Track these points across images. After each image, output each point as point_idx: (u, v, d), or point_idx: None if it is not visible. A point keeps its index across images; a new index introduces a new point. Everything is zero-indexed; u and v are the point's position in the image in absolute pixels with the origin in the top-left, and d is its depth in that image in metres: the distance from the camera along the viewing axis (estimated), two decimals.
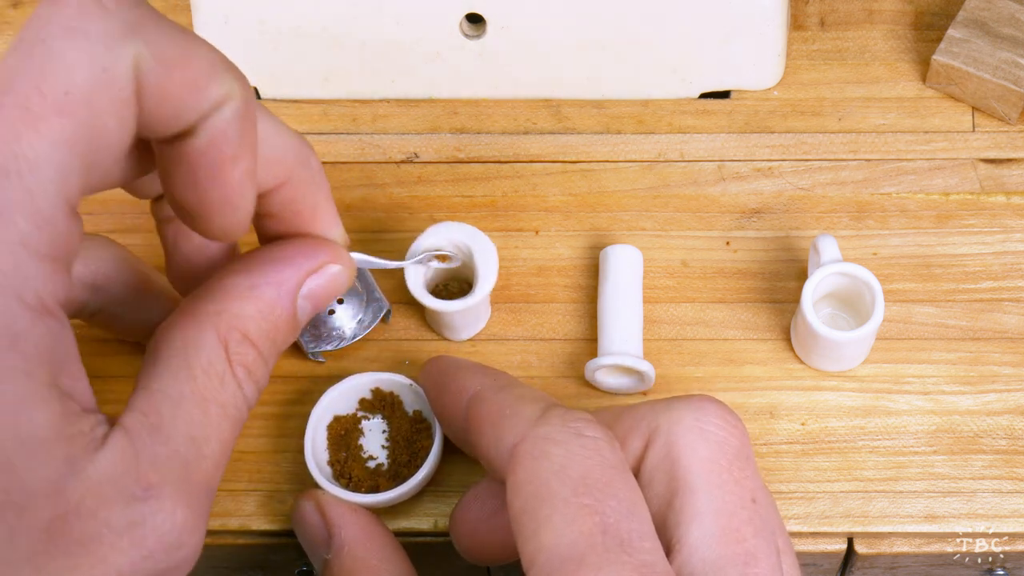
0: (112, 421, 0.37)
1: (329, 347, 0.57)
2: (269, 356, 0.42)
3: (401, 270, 0.57)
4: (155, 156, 0.39)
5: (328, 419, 0.54)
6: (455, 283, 0.58)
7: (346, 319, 0.57)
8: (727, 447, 0.43)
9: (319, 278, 0.44)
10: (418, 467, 0.53)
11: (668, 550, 0.41)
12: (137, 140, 0.37)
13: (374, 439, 0.55)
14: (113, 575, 0.35)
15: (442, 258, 0.55)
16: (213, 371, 0.39)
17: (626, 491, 0.40)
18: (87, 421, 0.36)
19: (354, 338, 0.57)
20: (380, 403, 0.55)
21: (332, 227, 0.46)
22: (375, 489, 0.53)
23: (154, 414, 0.38)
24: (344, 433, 0.54)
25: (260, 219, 0.45)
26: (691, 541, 0.41)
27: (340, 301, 0.57)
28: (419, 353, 0.58)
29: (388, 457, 0.54)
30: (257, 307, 0.42)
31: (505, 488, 0.45)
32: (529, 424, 0.42)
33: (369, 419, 0.55)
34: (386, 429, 0.55)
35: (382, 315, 0.57)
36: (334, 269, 0.44)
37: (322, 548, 0.49)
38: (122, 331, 0.54)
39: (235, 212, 0.39)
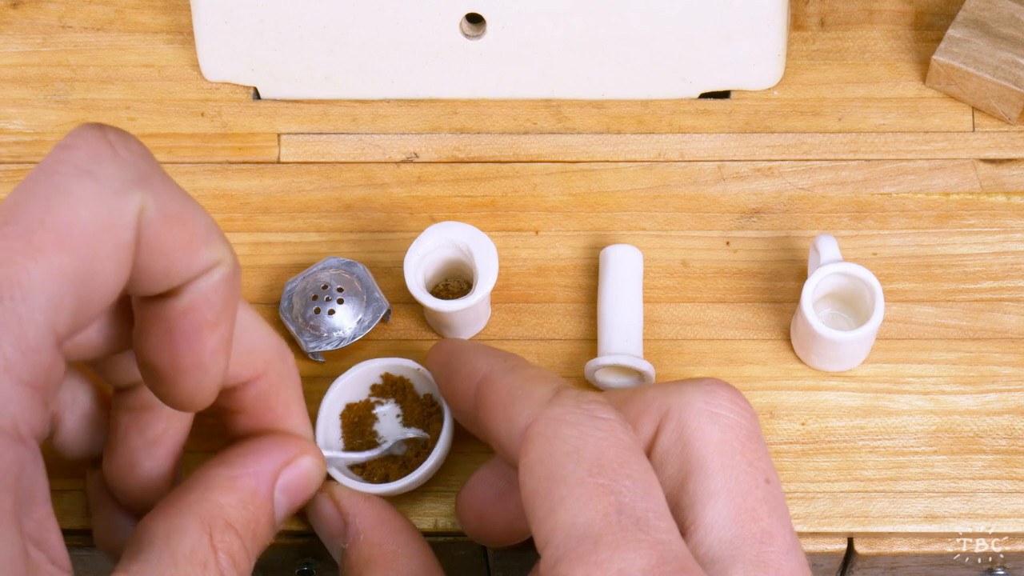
0: None
1: (329, 347, 0.57)
2: (251, 549, 0.42)
3: (400, 271, 0.56)
4: (133, 318, 0.39)
5: (340, 407, 0.54)
6: (455, 283, 0.58)
7: (346, 319, 0.57)
8: (739, 429, 0.43)
9: (294, 470, 0.45)
10: (430, 452, 0.53)
11: (683, 530, 0.41)
12: (119, 301, 0.37)
13: (389, 424, 0.55)
14: None
15: (411, 441, 0.54)
16: (196, 558, 0.39)
17: (640, 472, 0.40)
18: (52, 563, 0.35)
19: (354, 338, 0.57)
20: (392, 388, 0.55)
21: (302, 424, 0.47)
22: (386, 477, 0.53)
23: None
24: (358, 420, 0.54)
25: (230, 415, 0.46)
26: (707, 521, 0.41)
27: (340, 301, 0.57)
28: (419, 353, 0.58)
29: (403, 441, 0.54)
30: (239, 497, 0.42)
31: (512, 471, 0.45)
32: (541, 405, 0.42)
33: (383, 404, 0.55)
34: (400, 413, 0.55)
35: (382, 315, 0.57)
36: (307, 461, 0.45)
37: (339, 538, 0.50)
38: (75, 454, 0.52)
39: (205, 378, 0.39)
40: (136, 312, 0.39)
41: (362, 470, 0.53)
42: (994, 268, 0.59)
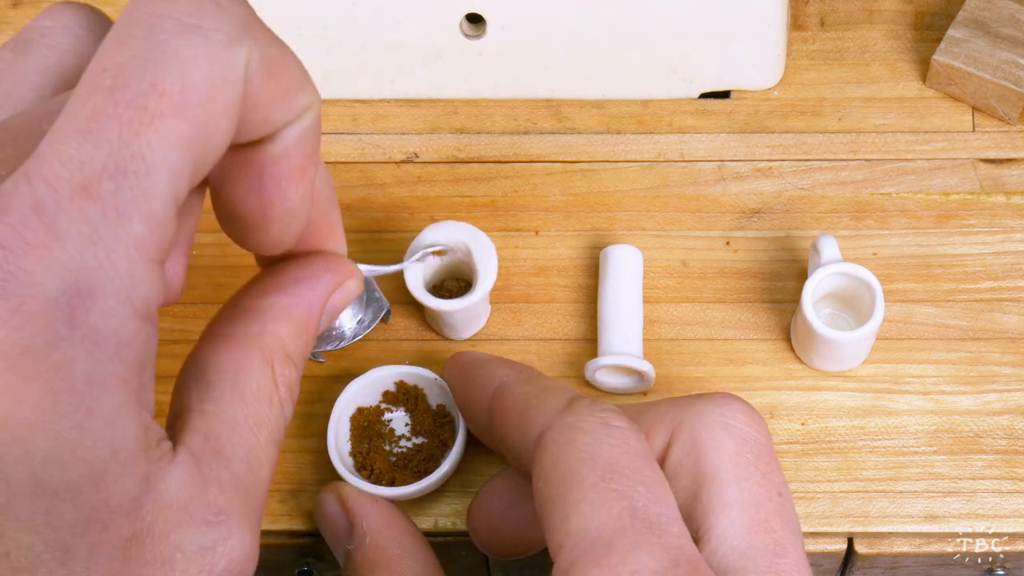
0: (171, 437, 0.36)
1: (329, 347, 0.57)
2: (301, 371, 0.42)
3: (400, 273, 0.56)
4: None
5: (351, 411, 0.55)
6: (455, 282, 0.58)
7: (346, 319, 0.57)
8: (753, 442, 0.43)
9: (340, 293, 0.44)
10: (439, 461, 0.53)
11: (696, 540, 0.41)
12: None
13: (397, 432, 0.55)
14: None
15: (439, 252, 0.55)
16: (263, 394, 0.39)
17: (653, 478, 0.40)
18: (155, 434, 0.35)
19: (354, 338, 0.57)
20: (404, 396, 0.55)
21: (342, 243, 0.46)
22: (393, 483, 0.53)
23: (213, 438, 0.37)
24: (367, 425, 0.54)
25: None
26: (720, 531, 0.42)
27: None
28: (419, 353, 0.58)
29: (410, 450, 0.54)
30: (294, 327, 0.41)
31: (524, 482, 0.45)
32: (555, 413, 0.42)
33: (392, 411, 0.55)
34: (408, 422, 0.55)
35: (382, 315, 0.57)
36: (352, 284, 0.44)
37: (344, 539, 0.50)
38: None
39: (295, 222, 0.39)
40: (225, 161, 0.37)
41: (369, 473, 0.53)
42: (994, 268, 0.59)
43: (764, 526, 0.42)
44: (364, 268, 0.50)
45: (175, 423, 0.37)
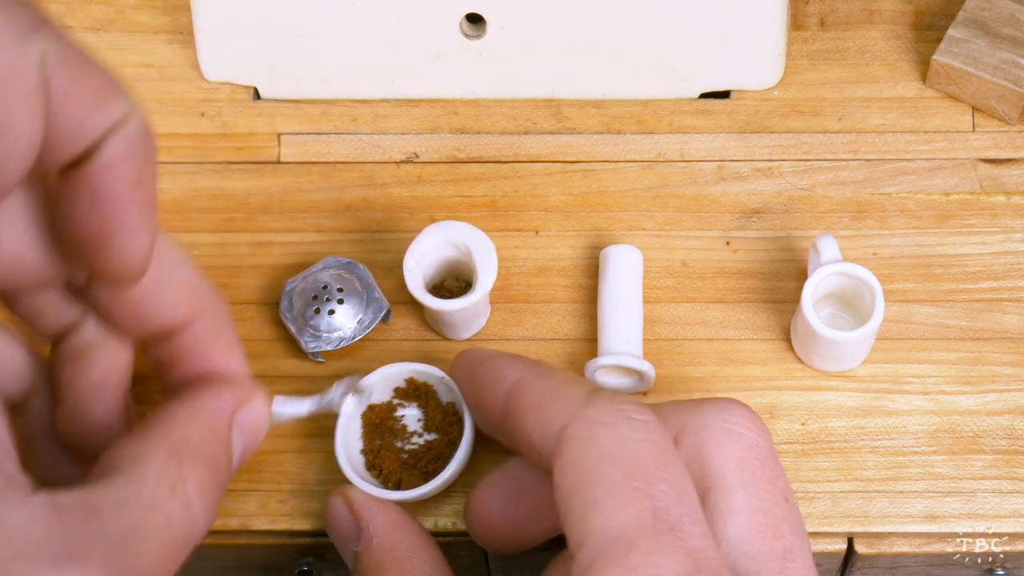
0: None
1: (329, 347, 0.57)
2: (218, 485, 0.40)
3: (400, 271, 0.56)
4: (51, 199, 0.38)
5: (363, 407, 0.54)
6: (455, 282, 0.58)
7: (346, 319, 0.57)
8: (758, 448, 0.43)
9: (248, 410, 0.43)
10: (447, 460, 0.53)
11: None
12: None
13: (409, 428, 0.55)
14: None
15: (357, 390, 0.53)
16: (165, 481, 0.38)
17: (676, 475, 0.40)
18: (4, 455, 0.34)
19: (354, 338, 0.57)
20: (415, 392, 0.55)
21: (244, 368, 0.45)
22: (400, 484, 0.53)
23: (91, 501, 0.35)
24: (379, 421, 0.54)
25: (169, 367, 0.44)
26: (728, 536, 0.41)
27: (340, 301, 0.57)
28: (419, 353, 0.58)
29: (420, 448, 0.54)
30: (202, 431, 0.40)
31: (522, 477, 0.45)
32: (577, 407, 0.42)
33: (405, 407, 0.55)
34: (421, 418, 0.55)
35: (382, 315, 0.57)
36: (259, 403, 0.43)
37: (352, 542, 0.49)
38: None
39: (137, 237, 0.38)
40: (58, 191, 0.37)
41: (379, 473, 0.53)
42: (994, 268, 0.59)
43: (772, 531, 0.42)
44: (278, 399, 0.49)
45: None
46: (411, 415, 0.55)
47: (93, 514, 0.35)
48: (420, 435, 0.54)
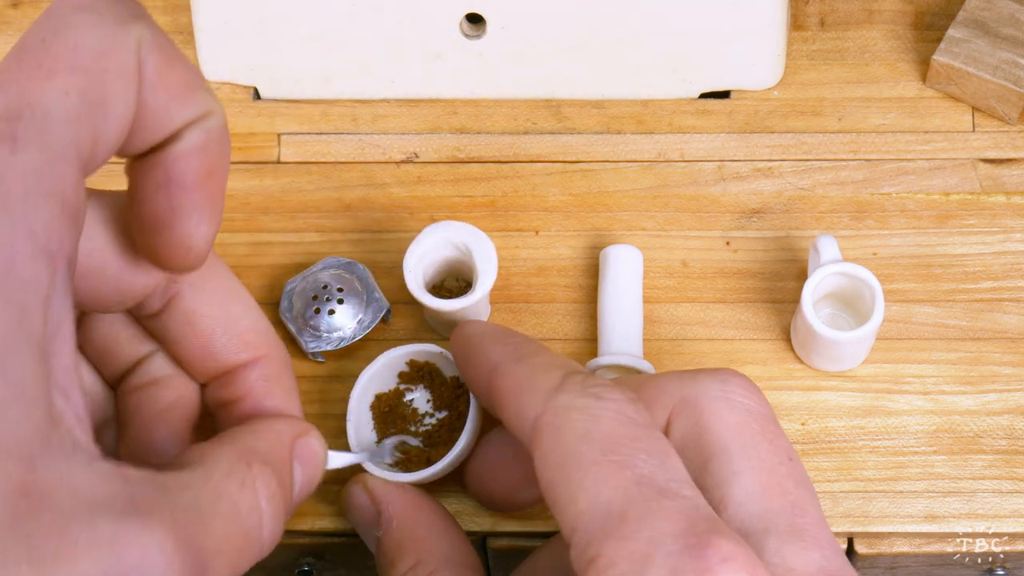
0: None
1: (329, 347, 0.57)
2: (284, 501, 0.41)
3: (400, 271, 0.56)
4: (129, 181, 0.39)
5: (370, 399, 0.54)
6: (455, 282, 0.58)
7: (346, 319, 0.57)
8: (756, 413, 0.44)
9: (306, 444, 0.44)
10: (460, 433, 0.52)
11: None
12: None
13: (420, 411, 0.54)
14: None
15: (404, 450, 0.54)
16: (234, 476, 0.38)
17: (655, 444, 0.40)
18: (76, 420, 0.34)
19: (354, 338, 0.57)
20: (419, 374, 0.55)
21: (300, 413, 0.47)
22: (429, 461, 0.53)
23: (159, 480, 0.35)
24: (388, 410, 0.54)
25: (230, 406, 0.45)
26: (735, 499, 0.41)
27: (340, 301, 0.57)
28: None
29: (435, 427, 0.54)
30: (268, 445, 0.42)
31: (516, 441, 0.45)
32: (547, 396, 0.42)
33: (412, 390, 0.55)
34: (430, 398, 0.54)
35: (382, 315, 0.57)
36: (316, 439, 0.45)
37: (373, 526, 0.50)
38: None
39: (203, 225, 0.39)
40: (134, 177, 0.39)
41: (405, 456, 0.53)
42: (994, 268, 0.59)
43: (779, 488, 0.42)
44: (334, 456, 0.50)
45: None
46: (420, 397, 0.55)
47: (161, 486, 0.35)
48: (432, 415, 0.54)
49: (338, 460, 0.50)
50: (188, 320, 0.44)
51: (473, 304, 0.56)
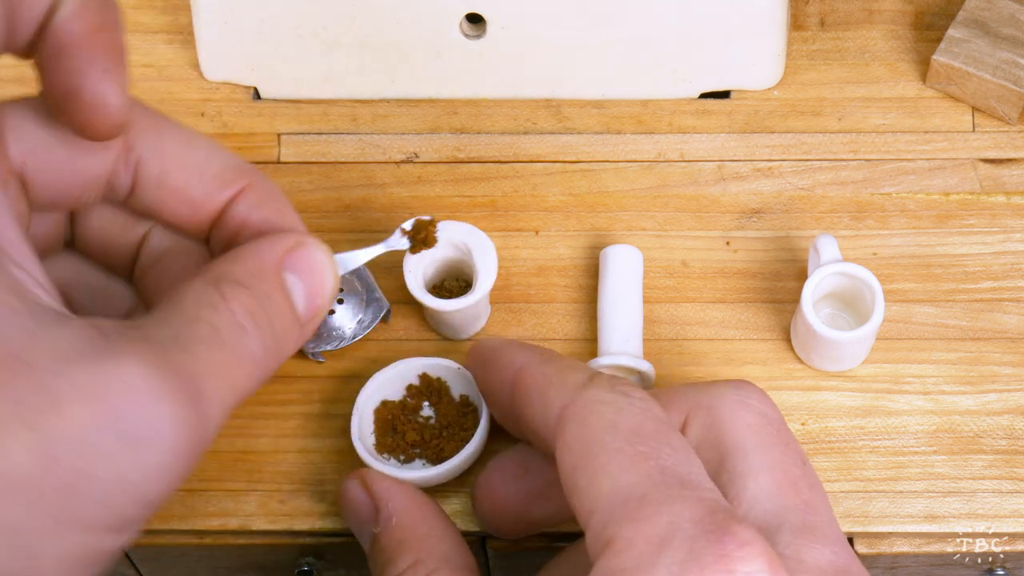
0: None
1: (329, 347, 0.57)
2: (272, 323, 0.40)
3: (400, 271, 0.56)
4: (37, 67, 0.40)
5: (376, 403, 0.54)
6: (455, 282, 0.58)
7: (346, 319, 0.57)
8: (771, 418, 0.44)
9: (301, 251, 0.43)
10: (462, 448, 0.53)
11: None
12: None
13: (421, 426, 0.55)
14: (74, 429, 0.33)
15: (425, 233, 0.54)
16: (204, 299, 0.38)
17: (679, 442, 0.40)
18: (38, 286, 0.34)
19: (354, 338, 0.57)
20: (427, 389, 0.55)
21: (298, 224, 0.46)
22: (423, 455, 0.53)
23: (133, 324, 0.36)
24: (391, 418, 0.54)
25: (227, 239, 0.45)
26: (749, 495, 0.42)
27: (340, 301, 0.57)
28: (420, 353, 0.58)
29: (434, 443, 0.54)
30: (243, 267, 0.41)
31: (529, 459, 0.46)
32: (576, 389, 0.42)
33: (419, 405, 0.55)
34: (433, 416, 0.55)
35: (382, 315, 0.57)
36: (313, 244, 0.43)
37: (370, 523, 0.50)
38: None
39: (109, 80, 0.39)
40: (37, 68, 0.39)
41: (398, 446, 0.53)
42: (994, 268, 0.59)
43: (792, 488, 0.42)
44: (346, 255, 0.50)
45: None
46: (424, 413, 0.55)
47: (134, 328, 0.36)
48: (431, 433, 0.54)
49: (355, 259, 0.50)
50: (160, 183, 0.44)
51: (473, 304, 0.56)
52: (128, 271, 0.47)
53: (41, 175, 0.41)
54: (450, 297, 0.57)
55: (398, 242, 0.53)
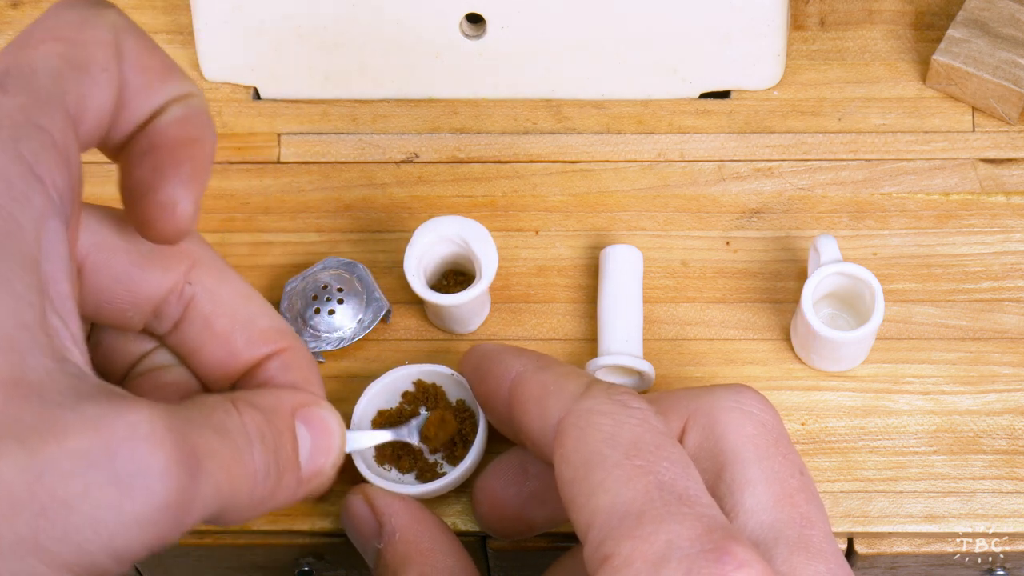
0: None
1: (329, 347, 0.57)
2: (282, 451, 0.40)
3: (400, 271, 0.56)
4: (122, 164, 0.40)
5: (372, 414, 0.54)
6: (455, 277, 0.58)
7: (346, 319, 0.57)
8: (770, 427, 0.44)
9: (313, 410, 0.43)
10: (462, 457, 0.52)
11: None
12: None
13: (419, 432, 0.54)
14: (67, 457, 0.32)
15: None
16: (220, 406, 0.38)
17: (677, 454, 0.40)
18: (72, 343, 0.34)
19: (354, 338, 0.57)
20: (423, 395, 0.54)
21: (323, 395, 0.46)
22: (423, 473, 0.53)
23: (146, 401, 0.36)
24: (388, 426, 0.54)
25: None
26: (746, 507, 0.42)
27: (340, 301, 0.57)
28: (420, 353, 0.58)
29: (433, 450, 0.54)
30: (261, 398, 0.41)
31: (528, 461, 0.45)
32: (573, 398, 0.42)
33: (415, 412, 0.55)
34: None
35: (382, 315, 0.57)
36: (326, 408, 0.44)
37: (374, 539, 0.50)
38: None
39: (188, 189, 0.39)
40: (122, 160, 0.40)
41: (397, 461, 0.53)
42: (994, 268, 0.59)
43: (790, 500, 0.42)
44: (356, 434, 0.51)
45: None
46: (420, 419, 0.55)
47: (146, 402, 0.35)
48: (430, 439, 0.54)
49: (364, 439, 0.50)
50: (207, 324, 0.44)
51: (476, 297, 0.55)
52: (120, 378, 0.47)
53: (96, 275, 0.42)
54: (452, 292, 0.57)
55: (409, 435, 0.53)
